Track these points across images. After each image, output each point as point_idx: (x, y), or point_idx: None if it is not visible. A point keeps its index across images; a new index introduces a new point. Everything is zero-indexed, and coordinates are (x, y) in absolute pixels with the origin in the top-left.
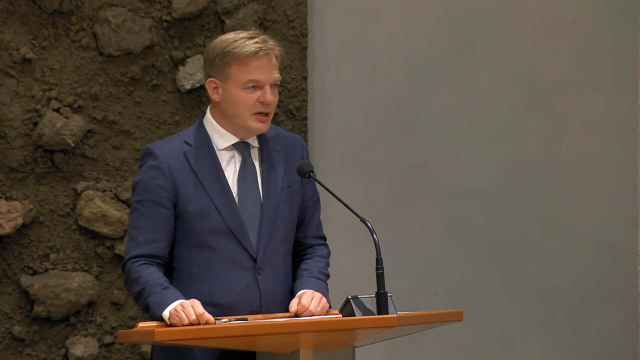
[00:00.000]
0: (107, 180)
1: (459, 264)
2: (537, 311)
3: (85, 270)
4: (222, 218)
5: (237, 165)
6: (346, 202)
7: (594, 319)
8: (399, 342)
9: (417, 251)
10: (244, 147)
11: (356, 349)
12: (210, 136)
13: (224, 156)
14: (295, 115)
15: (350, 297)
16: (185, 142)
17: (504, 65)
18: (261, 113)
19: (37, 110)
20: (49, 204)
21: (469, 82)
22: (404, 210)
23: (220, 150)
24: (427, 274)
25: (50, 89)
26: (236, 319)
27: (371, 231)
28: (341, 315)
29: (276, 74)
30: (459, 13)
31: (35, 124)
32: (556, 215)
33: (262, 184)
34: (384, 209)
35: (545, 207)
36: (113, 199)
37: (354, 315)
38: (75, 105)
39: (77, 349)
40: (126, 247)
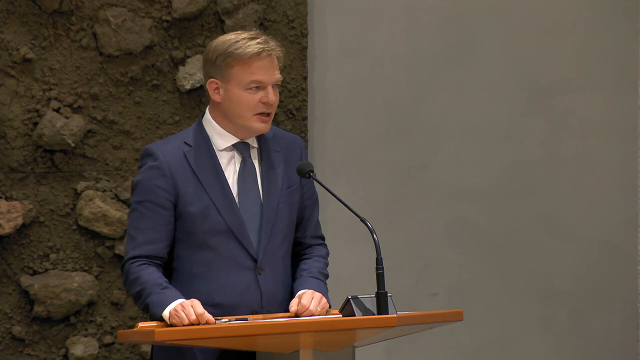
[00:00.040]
0: (107, 180)
1: (459, 264)
2: (537, 311)
3: (85, 270)
4: (222, 218)
5: (237, 166)
6: (346, 202)
7: (594, 319)
8: (399, 342)
9: (417, 251)
10: (243, 147)
11: (356, 349)
12: (210, 137)
13: (223, 156)
14: (295, 115)
15: (350, 297)
16: (184, 142)
17: (504, 65)
18: (263, 113)
19: (37, 110)
20: (49, 204)
21: (469, 82)
22: (404, 210)
23: (220, 151)
24: (427, 274)
25: (50, 89)
26: (236, 319)
27: (371, 231)
28: (341, 315)
29: (278, 75)
30: (459, 13)
31: (35, 124)
32: (556, 215)
33: (262, 184)
34: (384, 209)
35: (545, 207)
36: (113, 199)
37: (354, 315)
38: (75, 105)
39: (77, 349)
40: (125, 248)
